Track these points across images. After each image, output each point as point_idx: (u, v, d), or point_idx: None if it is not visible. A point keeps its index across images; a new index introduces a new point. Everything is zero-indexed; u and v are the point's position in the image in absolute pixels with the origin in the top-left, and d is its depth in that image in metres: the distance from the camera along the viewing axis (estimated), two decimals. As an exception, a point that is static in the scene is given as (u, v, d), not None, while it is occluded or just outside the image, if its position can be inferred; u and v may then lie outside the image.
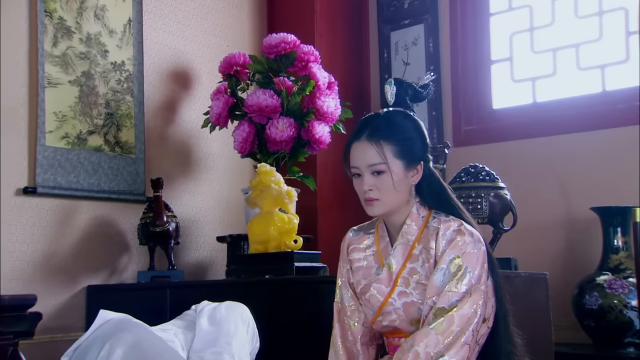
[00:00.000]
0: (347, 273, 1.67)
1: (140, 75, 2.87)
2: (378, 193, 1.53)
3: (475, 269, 1.50)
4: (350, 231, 1.71)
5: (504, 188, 2.26)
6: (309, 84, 2.68)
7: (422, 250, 1.55)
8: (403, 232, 1.58)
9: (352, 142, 1.57)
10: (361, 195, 1.56)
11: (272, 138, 2.63)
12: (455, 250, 1.50)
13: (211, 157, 3.15)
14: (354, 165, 1.55)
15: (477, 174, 2.29)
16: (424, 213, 1.59)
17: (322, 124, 2.69)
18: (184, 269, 2.88)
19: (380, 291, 1.58)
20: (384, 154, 1.50)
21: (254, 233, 2.37)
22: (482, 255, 1.52)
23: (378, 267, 1.61)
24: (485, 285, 1.53)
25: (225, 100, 2.71)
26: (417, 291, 1.53)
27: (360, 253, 1.65)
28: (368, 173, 1.53)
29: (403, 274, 1.56)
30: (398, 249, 1.57)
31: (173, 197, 2.94)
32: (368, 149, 1.52)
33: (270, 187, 2.32)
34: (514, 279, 2.05)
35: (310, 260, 2.35)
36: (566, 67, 3.16)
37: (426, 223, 1.57)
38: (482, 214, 2.22)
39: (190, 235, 3.02)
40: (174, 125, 3.03)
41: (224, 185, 3.18)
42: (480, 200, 2.22)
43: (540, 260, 2.90)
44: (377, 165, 1.51)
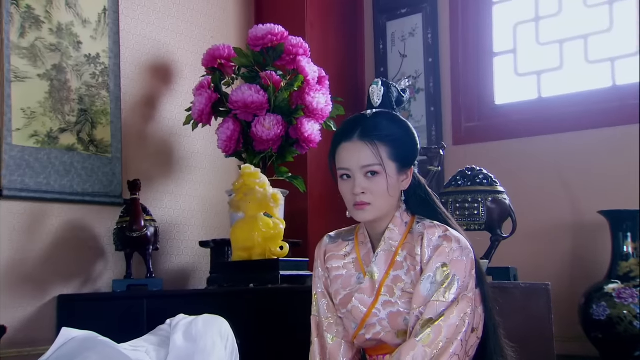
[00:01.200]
0: (324, 282, 1.66)
1: (116, 69, 2.85)
2: (371, 197, 1.52)
3: (463, 277, 1.50)
4: (327, 237, 1.69)
5: (503, 192, 2.25)
6: (298, 79, 2.67)
7: (406, 257, 1.55)
8: (385, 238, 1.57)
9: (340, 141, 1.55)
10: (350, 199, 1.54)
11: (258, 136, 2.62)
12: (442, 258, 1.50)
13: (194, 156, 3.14)
14: (343, 166, 1.54)
15: (473, 177, 2.28)
16: (407, 219, 1.59)
17: (311, 122, 2.68)
18: (164, 276, 2.88)
19: (362, 302, 1.56)
20: (380, 155, 1.50)
21: (237, 239, 2.36)
22: (470, 262, 1.52)
23: (359, 276, 1.60)
24: (473, 293, 1.53)
25: (208, 96, 2.70)
26: (403, 300, 1.53)
27: (338, 261, 1.64)
28: (361, 175, 1.52)
29: (386, 282, 1.55)
30: (380, 256, 1.57)
31: (153, 200, 2.93)
32: (362, 149, 1.51)
33: (254, 190, 2.31)
34: (512, 290, 2.04)
35: (297, 268, 2.35)
36: (574, 60, 3.17)
37: (409, 228, 1.57)
38: (479, 220, 2.22)
39: (171, 241, 3.01)
40: (153, 123, 3.02)
41: (208, 187, 3.17)
42: (477, 206, 2.21)
43: (543, 268, 2.91)
44: (372, 166, 1.50)
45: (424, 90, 3.45)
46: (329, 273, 1.65)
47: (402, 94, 1.61)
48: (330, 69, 2.95)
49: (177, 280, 2.99)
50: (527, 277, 2.42)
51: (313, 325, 1.68)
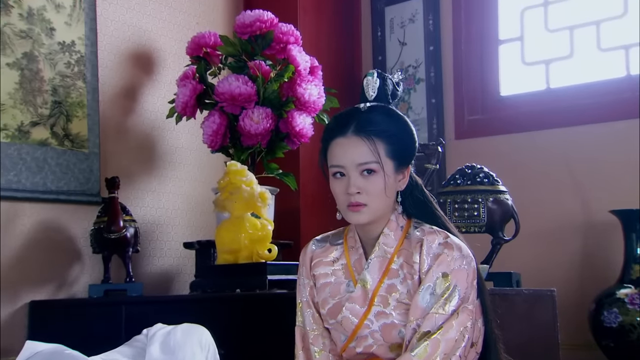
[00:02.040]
0: (310, 291, 1.64)
1: (93, 58, 2.83)
2: (366, 197, 1.50)
3: (464, 288, 1.49)
4: (312, 242, 1.68)
5: (505, 192, 2.25)
6: (288, 69, 2.66)
7: (402, 265, 1.53)
8: (380, 243, 1.55)
9: (333, 137, 1.53)
10: (343, 199, 1.52)
11: (246, 131, 2.61)
12: (443, 267, 1.49)
13: (178, 151, 3.14)
14: (337, 163, 1.52)
15: (474, 175, 2.27)
16: (402, 222, 1.58)
17: (303, 115, 2.67)
18: (145, 281, 2.87)
19: (354, 312, 1.55)
20: (377, 152, 1.48)
21: (222, 241, 2.34)
22: (472, 272, 1.51)
23: (349, 284, 1.58)
24: (474, 305, 1.52)
25: (192, 87, 2.69)
26: (398, 311, 1.51)
27: (326, 267, 1.62)
28: (356, 173, 1.50)
29: (380, 291, 1.53)
30: (374, 263, 1.55)
31: (133, 198, 2.93)
32: (359, 145, 1.49)
33: (240, 188, 2.28)
34: (514, 298, 2.03)
35: (287, 272, 2.33)
36: (585, 48, 3.19)
37: (405, 233, 1.56)
38: (479, 221, 2.20)
39: (153, 242, 3.01)
40: (133, 116, 3.00)
41: (193, 184, 3.17)
42: (477, 206, 2.20)
43: (548, 273, 2.91)
44: (370, 164, 1.49)
45: (424, 80, 3.45)
46: (315, 280, 1.64)
47: (397, 86, 1.60)
48: (323, 58, 2.95)
49: (159, 285, 2.98)
50: (531, 283, 2.42)
51: (297, 337, 1.67)
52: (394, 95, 1.59)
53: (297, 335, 1.66)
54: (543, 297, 2.15)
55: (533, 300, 2.11)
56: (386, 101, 1.57)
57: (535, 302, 2.11)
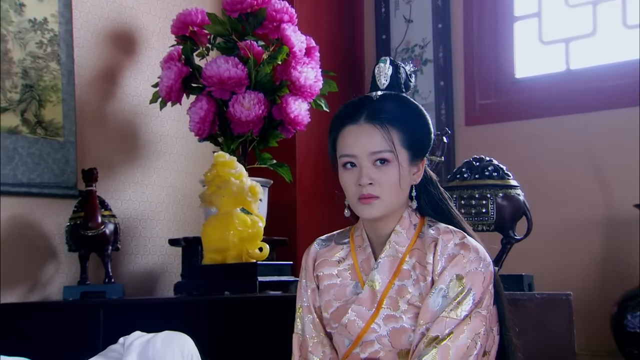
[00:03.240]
0: (311, 294, 1.64)
1: (68, 37, 2.81)
2: (379, 189, 1.51)
3: (479, 292, 1.49)
4: (316, 242, 1.68)
5: (516, 187, 2.23)
6: (282, 50, 2.66)
7: (415, 266, 1.54)
8: (391, 242, 1.56)
9: (344, 124, 1.54)
10: (354, 191, 1.52)
11: (236, 117, 2.61)
12: (458, 269, 1.49)
13: (163, 139, 3.13)
14: (348, 152, 1.52)
15: (482, 168, 2.23)
16: (416, 220, 1.59)
17: (298, 100, 2.68)
18: (126, 282, 2.86)
19: (360, 314, 1.54)
20: (392, 140, 1.50)
21: (209, 239, 2.35)
22: (489, 275, 1.51)
23: (356, 285, 1.59)
24: (488, 311, 1.51)
25: (178, 70, 2.68)
26: (409, 315, 1.51)
27: (331, 268, 1.62)
28: (369, 163, 1.51)
29: (390, 293, 1.53)
30: (384, 263, 1.55)
31: (114, 191, 2.93)
32: (373, 133, 1.50)
33: (229, 182, 2.29)
34: (526, 303, 2.01)
35: (279, 273, 2.34)
36: (609, 25, 3.16)
37: (419, 232, 1.57)
38: (488, 219, 2.18)
39: (136, 238, 3.01)
40: (114, 101, 2.98)
41: (179, 175, 3.17)
42: (486, 203, 2.17)
43: (566, 274, 2.89)
44: (383, 153, 1.50)
45: (432, 61, 3.45)
46: (318, 282, 1.64)
47: (410, 77, 1.61)
48: (321, 38, 2.95)
49: (141, 286, 2.98)
50: (545, 286, 2.40)
51: (295, 345, 1.66)
52: (407, 86, 1.59)
53: (295, 344, 1.65)
54: (558, 301, 2.12)
55: (547, 306, 2.08)
56: (399, 90, 1.57)
57: (549, 307, 2.09)
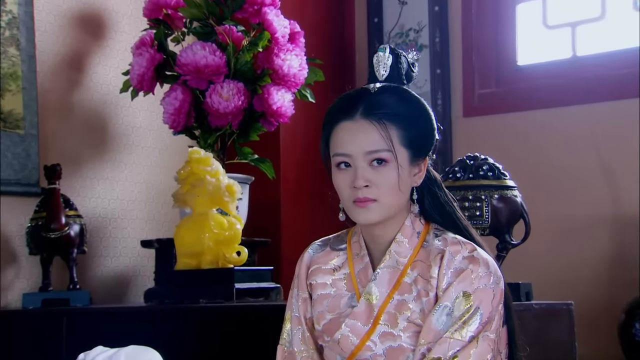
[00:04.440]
0: (303, 304, 1.63)
1: (28, 19, 2.78)
2: (376, 191, 1.49)
3: (488, 311, 1.47)
4: (311, 247, 1.66)
5: (513, 187, 2.23)
6: (263, 36, 2.64)
7: (417, 279, 1.52)
8: (392, 252, 1.54)
9: (338, 120, 1.53)
10: (348, 194, 1.51)
11: (214, 109, 2.59)
12: (465, 285, 1.47)
13: (135, 132, 3.12)
14: (342, 151, 1.51)
15: (476, 168, 2.23)
16: (419, 228, 1.57)
17: (281, 90, 2.66)
18: (94, 287, 2.84)
19: (355, 330, 1.53)
20: (390, 138, 1.48)
21: (182, 242, 2.34)
22: (500, 293, 1.50)
23: (351, 297, 1.57)
24: (497, 334, 1.49)
25: (150, 57, 2.66)
26: (408, 334, 1.49)
27: (326, 276, 1.61)
28: (364, 163, 1.49)
29: (388, 308, 1.52)
30: (383, 274, 1.54)
31: (81, 188, 2.91)
32: (369, 131, 1.49)
33: (204, 180, 2.28)
34: (523, 314, 1.99)
35: (259, 279, 2.35)
36: (619, 8, 3.16)
37: (422, 241, 1.55)
38: (483, 222, 2.17)
39: (106, 239, 2.99)
40: (80, 90, 2.96)
41: (153, 170, 3.16)
42: (480, 205, 2.17)
43: (568, 280, 2.88)
44: (380, 153, 1.48)
45: (427, 47, 3.45)
46: (311, 291, 1.62)
47: (412, 67, 1.59)
48: (306, 22, 2.93)
49: (111, 292, 2.97)
50: (545, 294, 2.38)
51: (279, 358, 1.64)
52: (408, 77, 1.57)
53: (279, 357, 1.64)
54: (558, 312, 2.12)
55: (546, 317, 2.07)
56: (399, 82, 1.55)
57: (548, 318, 2.08)
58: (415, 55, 1.62)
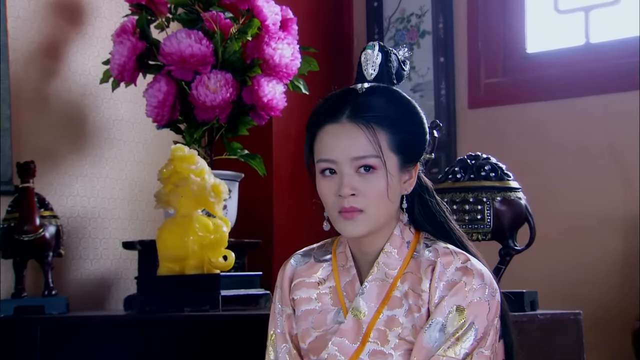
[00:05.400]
0: (287, 321, 1.61)
1: (0, 4, 2.75)
2: (363, 201, 1.47)
3: (483, 327, 1.46)
4: (293, 258, 1.65)
5: (517, 189, 2.21)
6: (253, 24, 2.64)
7: (407, 293, 1.51)
8: (380, 263, 1.53)
9: (323, 123, 1.51)
10: (333, 203, 1.49)
11: (200, 102, 2.59)
12: (458, 298, 1.47)
13: (116, 125, 3.10)
14: (326, 157, 1.49)
15: (478, 168, 2.21)
16: (409, 237, 1.56)
17: (273, 82, 2.66)
18: (72, 292, 2.83)
19: (342, 349, 1.52)
20: (378, 143, 1.47)
21: (165, 246, 2.34)
22: (496, 306, 1.49)
23: (337, 312, 1.56)
24: (493, 350, 1.48)
25: (132, 45, 2.66)
26: (400, 352, 1.49)
27: (310, 290, 1.60)
28: (351, 170, 1.48)
29: (377, 324, 1.51)
30: (371, 288, 1.53)
31: (58, 186, 2.89)
32: (356, 135, 1.47)
33: (188, 179, 2.29)
34: (527, 325, 2.00)
35: (246, 286, 2.35)
36: None
37: (412, 251, 1.55)
38: (484, 227, 2.16)
39: (85, 241, 2.98)
40: (57, 80, 2.94)
41: (137, 166, 3.15)
42: (482, 208, 2.15)
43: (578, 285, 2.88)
44: (368, 159, 1.47)
45: (430, 33, 3.44)
46: (295, 306, 1.61)
47: (403, 65, 1.58)
48: (300, 8, 2.94)
49: (90, 297, 2.95)
50: (552, 303, 2.37)
51: None
52: (399, 76, 1.56)
53: None
54: (565, 322, 2.12)
55: (552, 328, 2.06)
56: (389, 82, 1.55)
57: (554, 329, 2.07)
58: (407, 52, 1.60)
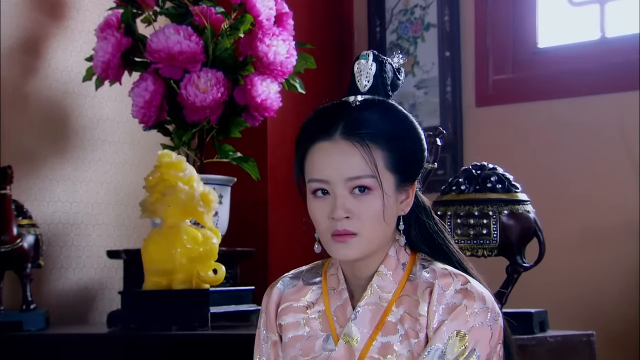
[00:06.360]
0: (272, 349, 1.62)
1: None
2: (358, 224, 1.47)
3: (485, 353, 1.46)
4: (281, 281, 1.65)
5: (526, 202, 2.20)
6: (246, 19, 2.66)
7: (403, 317, 1.51)
8: (374, 286, 1.53)
9: (314, 140, 1.50)
10: (326, 225, 1.49)
11: (189, 102, 2.61)
12: (459, 323, 1.46)
13: (101, 125, 3.11)
14: (318, 177, 1.48)
15: (484, 179, 2.20)
16: (404, 258, 1.56)
17: (267, 80, 2.68)
18: (53, 306, 2.82)
19: None
20: (374, 162, 1.46)
21: (150, 258, 2.36)
22: (498, 331, 1.49)
23: (327, 339, 1.55)
24: None
25: (116, 41, 2.67)
26: None
27: (297, 315, 1.59)
28: (345, 191, 1.47)
29: (371, 352, 1.50)
30: (364, 312, 1.52)
31: (38, 190, 2.88)
32: (350, 153, 1.47)
33: (176, 187, 2.31)
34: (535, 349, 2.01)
35: (237, 301, 2.38)
36: None
37: (408, 274, 1.54)
38: (490, 242, 2.16)
39: (67, 249, 2.97)
40: (38, 77, 2.94)
41: (122, 170, 3.16)
42: (488, 222, 2.15)
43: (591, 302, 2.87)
44: (363, 179, 1.46)
45: (435, 26, 3.42)
46: (282, 332, 1.60)
47: (398, 74, 1.57)
48: (295, 1, 2.96)
49: (73, 309, 2.95)
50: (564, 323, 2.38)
51: None
52: (394, 86, 1.56)
53: None
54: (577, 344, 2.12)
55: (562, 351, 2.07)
56: (384, 94, 1.54)
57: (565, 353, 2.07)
58: (402, 59, 1.59)
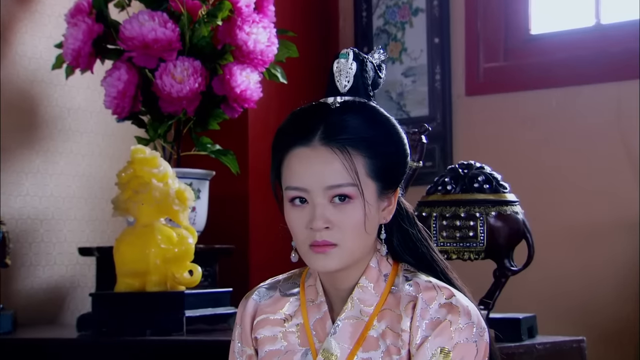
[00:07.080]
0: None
1: None
2: (338, 234, 1.46)
3: None
4: (256, 292, 1.63)
5: (514, 203, 2.19)
6: (224, 6, 2.66)
7: (385, 333, 1.50)
8: (354, 299, 1.52)
9: (292, 145, 1.48)
10: (304, 235, 1.47)
11: (165, 92, 2.61)
12: (443, 339, 1.46)
13: (72, 115, 3.09)
14: (296, 185, 1.46)
15: (470, 179, 2.19)
16: (386, 269, 1.54)
17: (246, 70, 2.69)
18: (21, 306, 2.82)
19: None
20: (355, 170, 1.45)
21: (123, 259, 2.36)
22: (484, 347, 1.48)
23: (305, 354, 1.55)
24: None
25: (88, 28, 2.66)
26: None
27: (274, 328, 1.58)
28: (324, 200, 1.46)
29: None
30: (344, 327, 1.52)
31: (5, 184, 2.87)
32: (330, 160, 1.45)
33: (149, 184, 2.31)
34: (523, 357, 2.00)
35: (215, 304, 2.38)
36: None
37: (390, 286, 1.53)
38: (477, 245, 2.15)
39: (36, 246, 2.96)
40: (5, 65, 2.92)
41: (96, 161, 3.15)
42: (474, 224, 2.14)
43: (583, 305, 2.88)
44: (344, 188, 1.44)
45: (424, 11, 3.42)
46: (257, 346, 1.59)
47: (379, 72, 1.55)
48: None
49: (43, 309, 2.94)
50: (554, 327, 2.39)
51: None
52: (375, 85, 1.54)
53: None
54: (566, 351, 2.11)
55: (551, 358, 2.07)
56: (365, 94, 1.52)
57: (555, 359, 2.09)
58: (382, 55, 1.57)
